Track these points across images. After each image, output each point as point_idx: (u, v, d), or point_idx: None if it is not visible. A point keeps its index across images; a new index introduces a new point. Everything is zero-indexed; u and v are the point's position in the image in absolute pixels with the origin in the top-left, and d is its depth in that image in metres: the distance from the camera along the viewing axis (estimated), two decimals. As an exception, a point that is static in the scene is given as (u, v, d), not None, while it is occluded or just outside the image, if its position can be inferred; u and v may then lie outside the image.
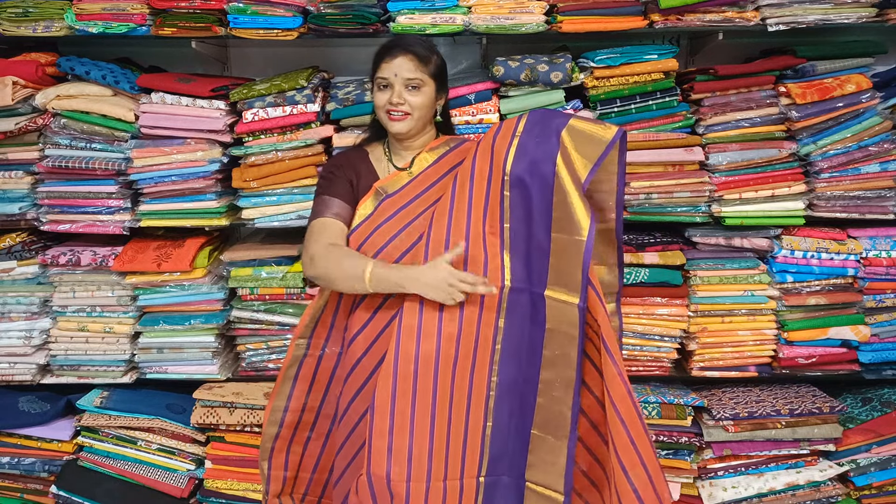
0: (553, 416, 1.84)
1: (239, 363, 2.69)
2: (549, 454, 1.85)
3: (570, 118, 1.84)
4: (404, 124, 1.91)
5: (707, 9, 2.43)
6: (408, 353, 1.80)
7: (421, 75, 1.89)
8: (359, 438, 1.93)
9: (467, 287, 1.76)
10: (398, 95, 1.88)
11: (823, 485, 2.54)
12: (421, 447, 1.80)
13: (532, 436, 1.87)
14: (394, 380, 1.79)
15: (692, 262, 2.52)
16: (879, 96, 2.46)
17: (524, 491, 1.90)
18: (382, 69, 1.89)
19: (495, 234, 1.86)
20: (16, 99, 2.46)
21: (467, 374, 1.84)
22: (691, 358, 2.58)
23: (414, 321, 1.81)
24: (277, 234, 2.72)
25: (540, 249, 1.81)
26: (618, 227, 1.91)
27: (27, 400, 2.66)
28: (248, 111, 2.46)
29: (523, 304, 1.84)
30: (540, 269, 1.82)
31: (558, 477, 1.83)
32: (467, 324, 1.83)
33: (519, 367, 1.86)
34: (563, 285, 1.79)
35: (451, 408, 1.83)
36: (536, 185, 1.80)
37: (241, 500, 2.61)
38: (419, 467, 1.80)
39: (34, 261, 2.58)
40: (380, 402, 1.79)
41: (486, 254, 1.85)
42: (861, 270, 2.53)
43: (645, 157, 2.45)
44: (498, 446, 1.88)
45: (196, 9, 2.44)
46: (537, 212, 1.81)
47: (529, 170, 1.80)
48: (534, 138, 1.83)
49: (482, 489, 1.89)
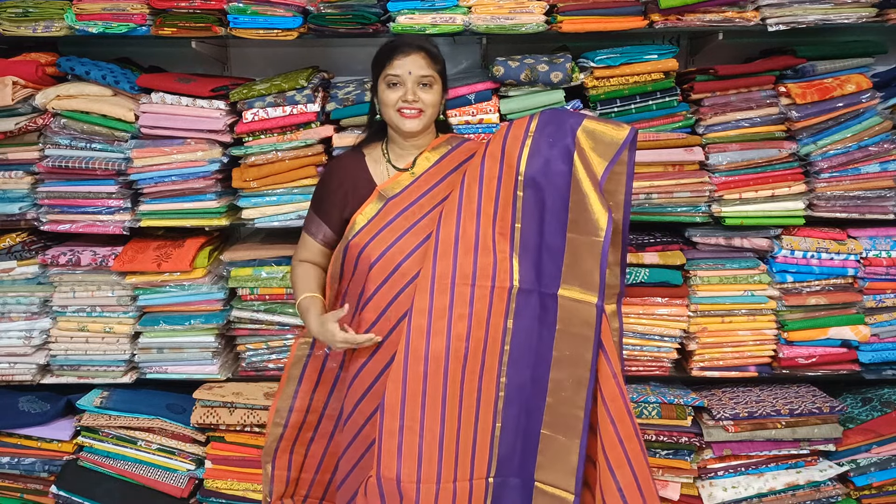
0: (563, 416, 1.84)
1: (239, 363, 2.69)
2: (560, 453, 1.85)
3: (583, 118, 1.84)
4: (418, 122, 1.91)
5: (707, 9, 2.43)
6: (418, 352, 1.80)
7: (433, 73, 1.90)
8: (365, 441, 1.93)
9: (355, 345, 1.88)
10: (412, 93, 1.88)
11: (823, 485, 2.54)
12: (431, 448, 1.81)
13: (542, 436, 1.87)
14: (404, 380, 1.79)
15: (692, 262, 2.52)
16: (879, 96, 2.46)
17: (532, 492, 1.90)
18: (394, 66, 1.88)
19: (505, 235, 1.86)
20: (16, 99, 2.46)
21: (476, 374, 1.85)
22: (691, 358, 2.58)
23: (424, 321, 1.81)
24: (277, 234, 2.72)
25: (553, 249, 1.82)
26: (624, 228, 1.89)
27: (27, 400, 2.66)
28: (248, 111, 2.46)
29: (532, 305, 1.85)
30: (552, 270, 1.82)
31: (569, 476, 1.84)
32: (476, 324, 1.83)
33: (527, 368, 1.86)
34: (579, 284, 1.79)
35: (461, 409, 1.83)
36: (552, 185, 1.80)
37: (241, 500, 2.61)
38: (429, 468, 1.81)
39: (34, 261, 2.57)
40: (390, 402, 1.79)
41: (495, 256, 1.85)
42: (861, 270, 2.53)
43: (645, 157, 2.45)
44: (507, 447, 1.88)
45: (196, 9, 2.43)
46: (552, 212, 1.81)
47: (544, 170, 1.80)
48: (547, 138, 1.83)
49: (491, 490, 1.90)
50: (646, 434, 2.49)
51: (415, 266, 1.87)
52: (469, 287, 1.83)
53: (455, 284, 1.82)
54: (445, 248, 1.83)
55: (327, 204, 2.00)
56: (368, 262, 1.89)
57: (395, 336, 1.87)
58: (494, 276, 1.83)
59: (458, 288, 1.82)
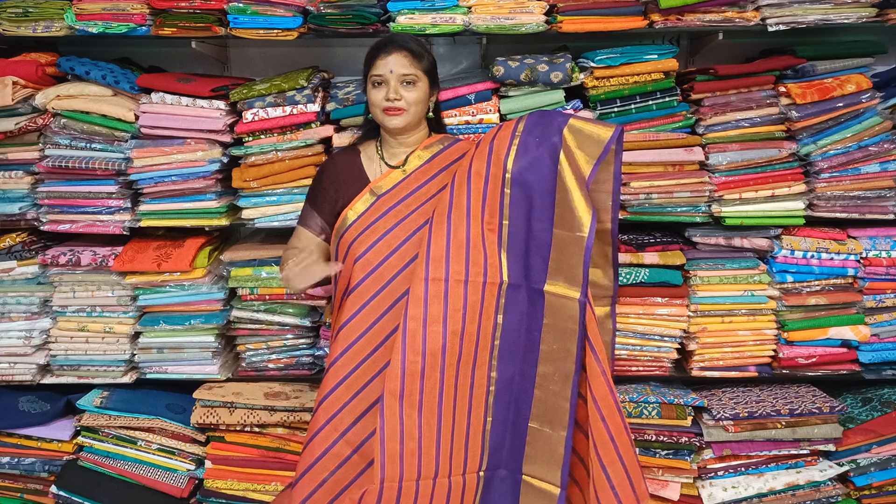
0: (551, 408, 1.87)
1: (239, 363, 2.69)
2: (548, 445, 1.88)
3: (569, 117, 1.88)
4: (401, 119, 1.94)
5: (707, 9, 2.43)
6: (415, 347, 1.81)
7: (415, 71, 1.93)
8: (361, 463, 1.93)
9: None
10: (394, 91, 1.91)
11: (823, 485, 2.54)
12: (429, 445, 1.83)
13: (530, 429, 1.90)
14: (402, 378, 1.80)
15: (692, 262, 2.52)
16: (879, 96, 2.46)
17: (520, 485, 1.92)
18: (377, 66, 1.93)
19: (493, 231, 1.88)
20: (16, 99, 2.46)
21: (469, 369, 1.87)
22: (691, 358, 2.58)
23: (419, 326, 1.82)
24: (277, 234, 2.72)
25: (540, 245, 1.84)
26: (613, 227, 1.93)
27: (27, 400, 2.66)
28: (248, 111, 2.46)
29: (521, 300, 1.87)
30: (539, 265, 1.85)
31: (556, 469, 1.87)
32: (470, 320, 1.85)
33: (515, 362, 1.89)
34: (564, 280, 1.82)
35: (455, 404, 1.86)
36: (539, 183, 1.83)
37: (241, 500, 2.61)
38: (428, 465, 1.83)
39: (34, 261, 2.57)
40: (389, 402, 1.80)
41: (485, 253, 1.86)
42: (861, 270, 2.53)
43: (645, 157, 2.45)
44: (497, 440, 1.91)
45: (196, 9, 2.43)
46: (539, 208, 1.84)
47: (531, 167, 1.83)
48: (535, 137, 1.86)
49: (482, 483, 1.92)
50: (646, 434, 2.49)
51: (401, 261, 1.90)
52: (462, 284, 1.85)
53: (449, 281, 1.84)
54: (438, 256, 1.84)
55: (321, 198, 2.04)
56: (354, 256, 1.92)
57: (378, 328, 1.90)
58: (486, 273, 1.86)
59: (452, 284, 1.84)
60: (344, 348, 1.92)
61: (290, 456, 2.56)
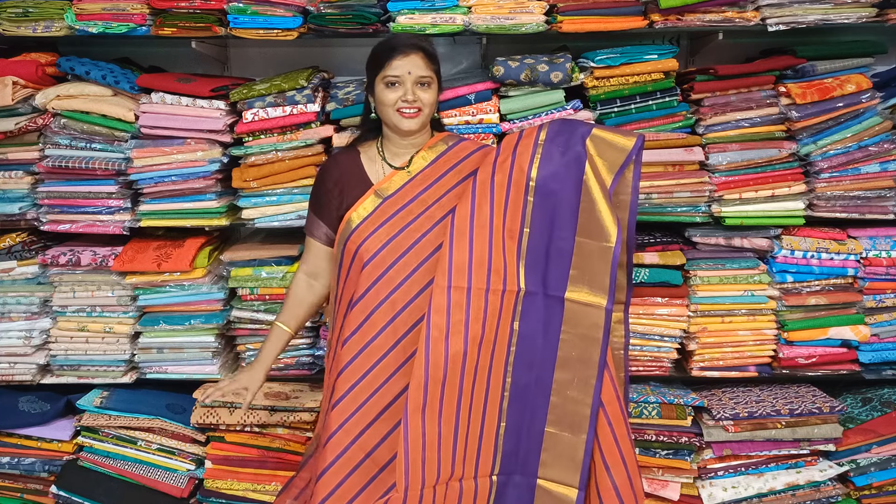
0: (569, 414, 1.88)
1: (239, 363, 2.69)
2: (566, 450, 1.88)
3: (592, 127, 1.91)
4: (417, 121, 1.92)
5: (707, 9, 2.43)
6: (437, 355, 1.80)
7: (430, 73, 1.92)
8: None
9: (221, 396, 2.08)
10: (412, 93, 1.89)
11: (823, 485, 2.54)
12: (447, 451, 1.83)
13: (546, 434, 1.90)
14: (425, 386, 1.79)
15: (692, 262, 2.52)
16: (879, 96, 2.46)
17: (535, 489, 1.92)
18: (393, 67, 1.89)
19: (513, 239, 1.89)
20: (16, 99, 2.46)
21: (485, 376, 1.88)
22: (691, 358, 2.58)
23: (442, 321, 1.82)
24: (277, 234, 2.72)
25: (561, 253, 1.86)
26: (629, 236, 1.92)
27: (27, 400, 2.66)
28: (248, 111, 2.46)
29: (537, 307, 1.88)
30: (558, 273, 1.86)
31: (574, 471, 1.87)
32: (489, 327, 1.86)
33: (531, 369, 1.89)
34: (588, 288, 1.84)
35: (471, 410, 1.87)
36: (563, 191, 1.85)
37: (241, 500, 2.60)
38: (445, 469, 1.84)
39: (34, 261, 2.57)
40: (413, 411, 1.79)
41: (504, 261, 1.88)
42: (861, 270, 2.53)
43: (645, 156, 2.40)
44: (511, 445, 1.91)
45: (196, 9, 2.43)
46: (562, 216, 1.85)
47: (556, 176, 1.85)
48: (559, 147, 1.88)
49: (495, 488, 1.93)
50: (646, 434, 2.49)
51: (409, 265, 1.88)
52: (484, 292, 1.85)
53: (471, 290, 1.84)
54: (461, 256, 1.84)
55: (324, 202, 2.01)
56: (362, 261, 1.90)
57: (389, 332, 1.87)
58: (505, 280, 1.86)
59: (474, 293, 1.84)
60: (354, 355, 1.89)
61: (290, 456, 2.56)
